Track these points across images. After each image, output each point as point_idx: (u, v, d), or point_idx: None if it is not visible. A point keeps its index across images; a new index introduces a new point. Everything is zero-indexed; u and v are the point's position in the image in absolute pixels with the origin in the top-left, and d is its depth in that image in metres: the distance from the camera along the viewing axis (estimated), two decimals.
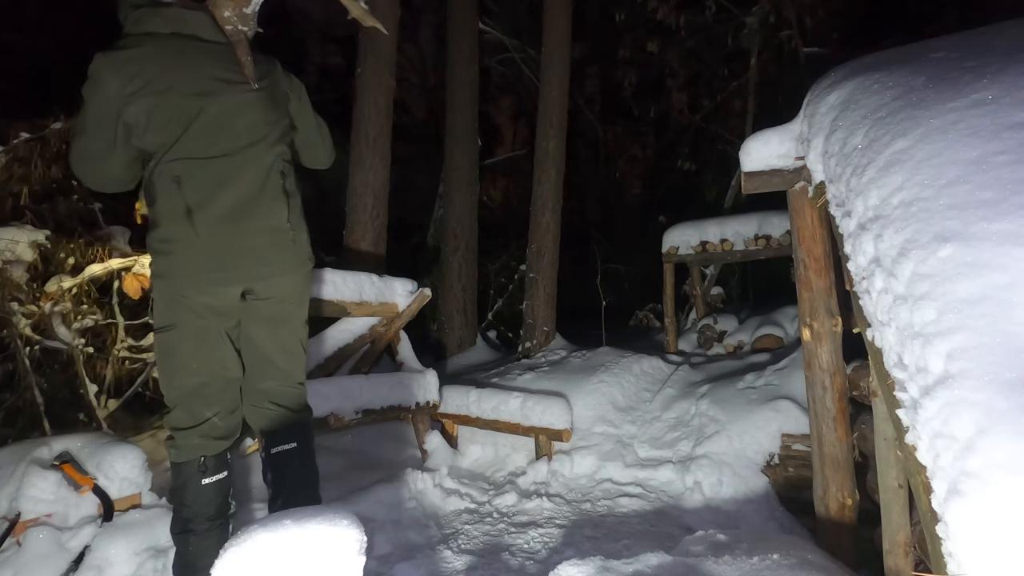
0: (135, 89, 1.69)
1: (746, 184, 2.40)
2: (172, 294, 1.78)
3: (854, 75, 2.04)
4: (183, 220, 1.73)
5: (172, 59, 1.74)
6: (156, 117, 1.71)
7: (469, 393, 3.63)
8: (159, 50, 1.73)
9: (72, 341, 3.55)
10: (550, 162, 5.27)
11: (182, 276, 1.77)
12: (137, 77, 1.69)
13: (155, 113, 1.71)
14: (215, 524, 1.88)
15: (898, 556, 1.83)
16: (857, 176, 1.62)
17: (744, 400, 3.20)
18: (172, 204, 1.74)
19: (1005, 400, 1.00)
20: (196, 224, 1.73)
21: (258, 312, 1.92)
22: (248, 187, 1.82)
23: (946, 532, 1.01)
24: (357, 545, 1.19)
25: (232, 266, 1.80)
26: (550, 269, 5.28)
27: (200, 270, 1.76)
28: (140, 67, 1.70)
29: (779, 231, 4.48)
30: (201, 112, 1.75)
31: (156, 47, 1.73)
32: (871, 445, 2.05)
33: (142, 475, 2.49)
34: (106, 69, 1.68)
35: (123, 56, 1.70)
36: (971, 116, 1.45)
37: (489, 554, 2.42)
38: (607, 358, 4.12)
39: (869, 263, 1.46)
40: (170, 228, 1.74)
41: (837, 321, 2.24)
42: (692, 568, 1.58)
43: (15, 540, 2.15)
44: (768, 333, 4.55)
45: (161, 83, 1.71)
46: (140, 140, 1.74)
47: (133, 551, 2.14)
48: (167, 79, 1.72)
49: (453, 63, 6.24)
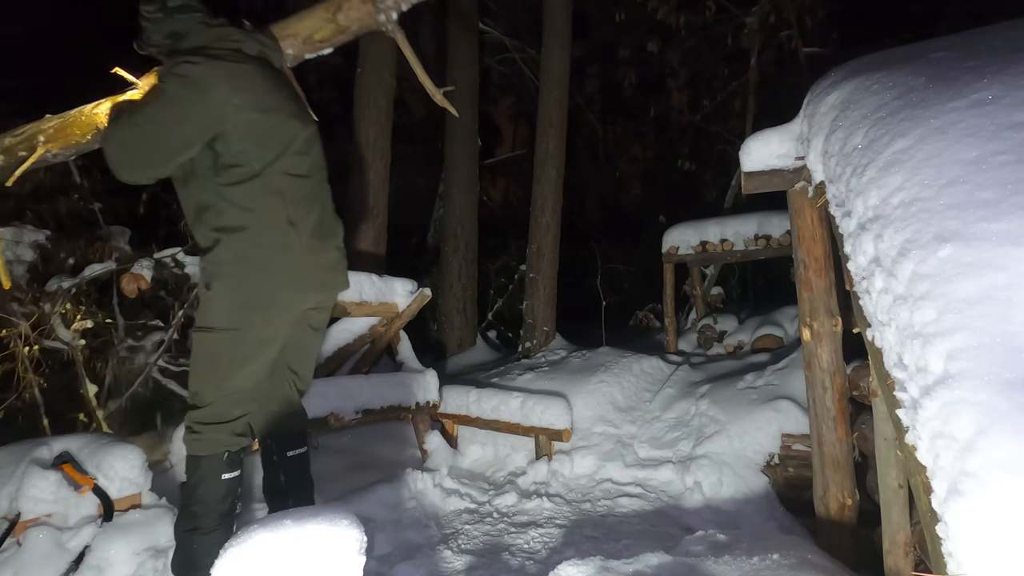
0: (242, 102, 1.78)
1: (746, 184, 2.40)
2: (245, 299, 1.83)
3: (854, 75, 2.04)
4: (286, 230, 1.84)
5: (269, 80, 1.89)
6: (256, 132, 1.82)
7: (469, 393, 3.63)
8: (258, 69, 1.87)
9: (72, 341, 3.55)
10: (550, 162, 5.27)
11: (268, 283, 1.84)
12: (244, 91, 1.80)
13: (256, 128, 1.81)
14: (222, 523, 1.89)
15: (898, 556, 1.83)
16: (857, 176, 1.62)
17: (744, 400, 3.20)
18: (276, 214, 1.83)
19: (1005, 400, 1.00)
20: (296, 235, 1.85)
21: (308, 322, 2.06)
22: (324, 208, 1.98)
23: (946, 532, 1.01)
24: (357, 545, 1.19)
25: (313, 279, 1.94)
26: (550, 269, 5.28)
27: (289, 280, 1.87)
28: (246, 82, 1.81)
29: (779, 231, 4.48)
30: (296, 135, 1.90)
31: (255, 66, 1.87)
32: (871, 445, 2.05)
33: (142, 475, 2.49)
34: (214, 75, 1.76)
35: (229, 67, 1.80)
36: (971, 116, 1.45)
37: (489, 554, 2.42)
38: (607, 358, 4.12)
39: (869, 263, 1.46)
40: (271, 236, 1.83)
41: (837, 321, 2.24)
42: (692, 568, 1.58)
43: (15, 540, 2.15)
44: (768, 333, 4.55)
45: (265, 102, 1.84)
46: (228, 149, 1.79)
47: (133, 551, 2.14)
48: (270, 99, 1.86)
49: (453, 63, 6.25)
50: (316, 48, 2.15)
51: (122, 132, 1.78)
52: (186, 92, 1.73)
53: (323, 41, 2.13)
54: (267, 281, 1.84)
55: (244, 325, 1.84)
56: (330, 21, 2.08)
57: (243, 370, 1.87)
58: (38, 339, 3.51)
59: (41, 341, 3.51)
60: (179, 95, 1.73)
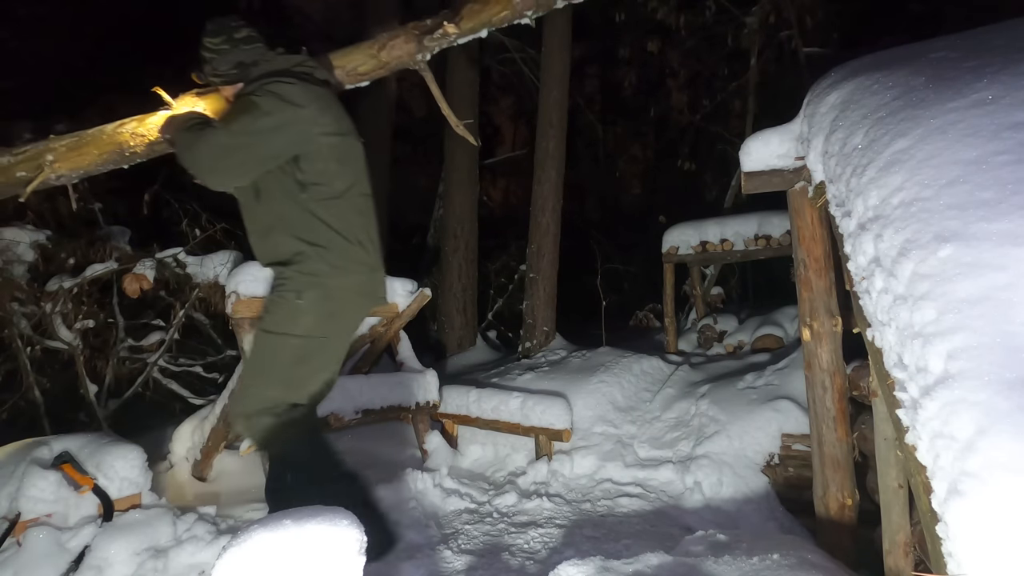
0: (326, 123, 1.96)
1: (746, 184, 2.39)
2: (330, 311, 2.00)
3: (854, 75, 2.04)
4: (364, 247, 2.03)
5: (337, 105, 2.06)
6: (337, 153, 1.99)
7: (469, 393, 3.62)
8: (330, 94, 2.06)
9: (72, 341, 3.55)
10: (550, 162, 5.27)
11: (351, 297, 2.04)
12: (327, 113, 1.97)
13: (336, 150, 1.99)
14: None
15: (898, 556, 1.83)
16: (857, 176, 1.62)
17: (744, 400, 3.20)
18: (357, 233, 2.01)
19: (1005, 400, 1.00)
20: (367, 253, 2.04)
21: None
22: (377, 224, 2.16)
23: (946, 532, 1.01)
24: (357, 545, 1.19)
25: (376, 293, 2.14)
26: (550, 269, 5.27)
27: (364, 294, 2.08)
28: (325, 104, 1.98)
29: (779, 231, 4.48)
30: (362, 158, 2.10)
31: (330, 91, 2.07)
32: (871, 445, 2.05)
33: (142, 475, 2.49)
34: (303, 96, 1.91)
35: (316, 90, 1.97)
36: (971, 116, 1.45)
37: (489, 554, 2.42)
38: (607, 358, 4.12)
39: (869, 263, 1.46)
40: (353, 253, 2.00)
41: (837, 321, 2.24)
42: (692, 568, 1.58)
43: (15, 540, 2.15)
44: (768, 333, 4.55)
45: (341, 125, 2.02)
46: (311, 167, 1.94)
47: (133, 551, 2.14)
48: (344, 123, 2.04)
49: (453, 63, 6.24)
50: (356, 80, 2.34)
51: (219, 138, 1.88)
52: (282, 108, 1.87)
53: (363, 75, 2.32)
54: (351, 294, 2.02)
55: (329, 334, 2.02)
56: (373, 57, 2.27)
57: (323, 374, 2.05)
58: (39, 339, 3.51)
59: (42, 341, 3.51)
60: (276, 110, 1.86)
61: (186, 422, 3.32)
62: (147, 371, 3.99)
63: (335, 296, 1.98)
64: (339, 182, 1.98)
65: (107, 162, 2.23)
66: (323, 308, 1.97)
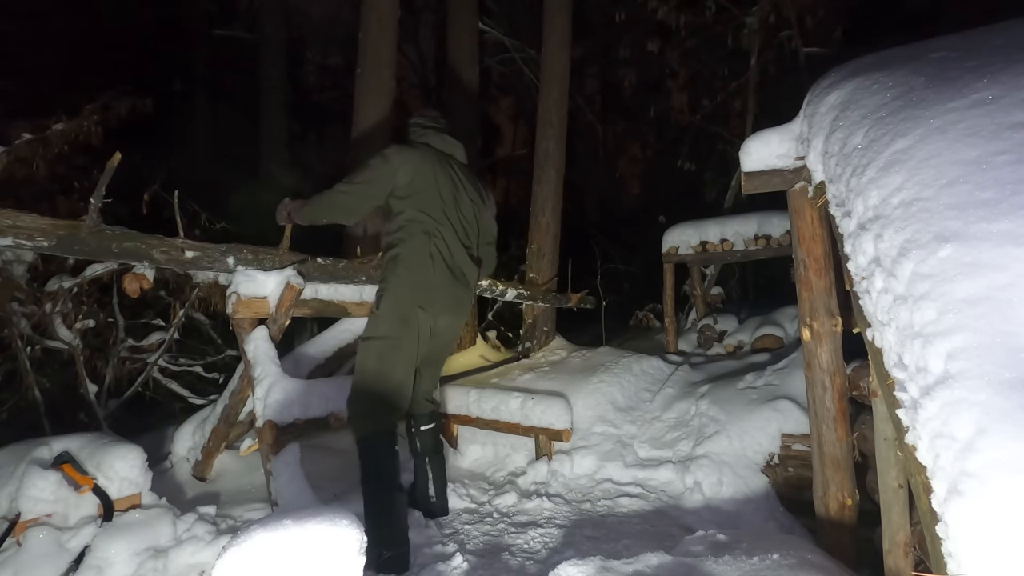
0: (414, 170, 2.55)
1: (746, 184, 2.39)
2: (403, 315, 2.48)
3: (854, 75, 2.04)
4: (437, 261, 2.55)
5: (446, 165, 2.72)
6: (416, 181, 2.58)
7: (469, 393, 3.62)
8: (436, 156, 2.75)
9: (72, 341, 3.55)
10: (550, 162, 5.26)
11: (421, 302, 2.49)
12: (416, 164, 2.58)
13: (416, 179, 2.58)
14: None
15: (898, 556, 1.83)
16: (857, 176, 1.62)
17: (744, 400, 3.20)
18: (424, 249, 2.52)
19: (1005, 400, 1.00)
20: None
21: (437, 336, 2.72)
22: (466, 255, 2.68)
23: (946, 532, 1.01)
24: (357, 545, 1.19)
25: (441, 303, 2.59)
26: (550, 269, 5.27)
27: (435, 298, 2.53)
28: (419, 157, 2.62)
29: (779, 231, 4.48)
30: (452, 204, 2.68)
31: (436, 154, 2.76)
32: (871, 445, 2.05)
33: (142, 475, 2.49)
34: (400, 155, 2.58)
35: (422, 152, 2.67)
36: (971, 116, 1.45)
37: (489, 554, 2.42)
38: (607, 358, 4.12)
39: (869, 263, 1.46)
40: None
41: (837, 321, 2.24)
42: (692, 568, 1.58)
43: (15, 540, 2.15)
44: (768, 333, 4.55)
45: (435, 176, 2.63)
46: (406, 197, 2.54)
47: (133, 551, 2.14)
48: (442, 177, 2.66)
49: (453, 63, 6.24)
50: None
51: (352, 191, 2.52)
52: (383, 165, 2.54)
53: None
54: (417, 302, 2.50)
55: (403, 337, 2.49)
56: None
57: (396, 373, 2.48)
58: (39, 339, 3.51)
59: (42, 341, 3.51)
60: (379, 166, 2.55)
61: (187, 422, 3.32)
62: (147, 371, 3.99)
63: (411, 302, 2.50)
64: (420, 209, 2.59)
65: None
66: (396, 312, 2.51)
